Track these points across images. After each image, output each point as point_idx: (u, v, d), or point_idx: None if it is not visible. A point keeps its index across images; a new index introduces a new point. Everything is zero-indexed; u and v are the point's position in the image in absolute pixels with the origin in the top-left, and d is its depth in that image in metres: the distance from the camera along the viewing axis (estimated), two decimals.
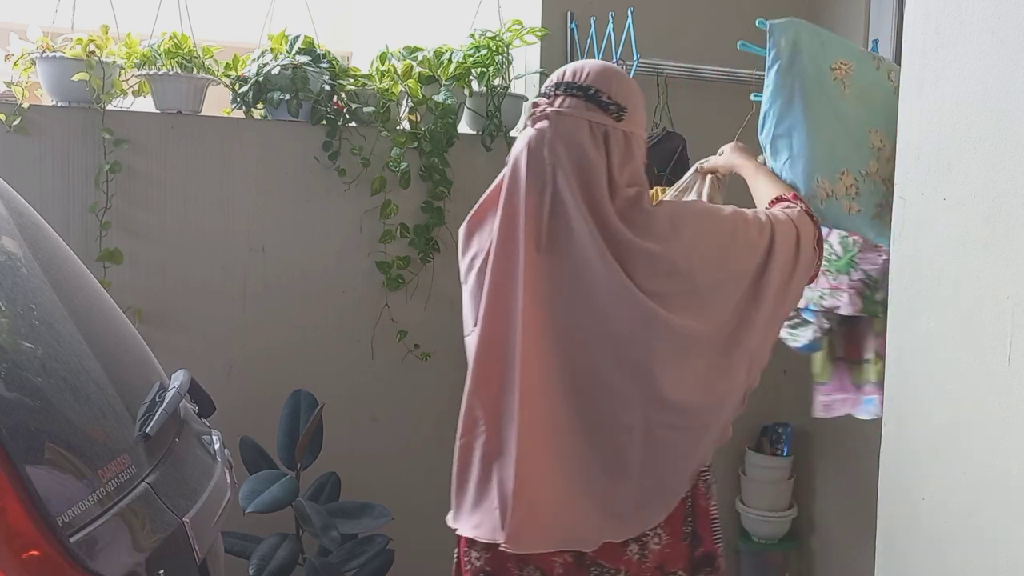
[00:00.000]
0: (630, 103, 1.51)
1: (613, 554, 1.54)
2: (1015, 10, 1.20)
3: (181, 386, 1.53)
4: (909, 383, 1.39)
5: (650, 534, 1.56)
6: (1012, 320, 1.20)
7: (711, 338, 1.52)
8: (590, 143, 1.48)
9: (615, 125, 1.49)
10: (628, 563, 1.55)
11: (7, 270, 1.34)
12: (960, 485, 1.29)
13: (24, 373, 1.21)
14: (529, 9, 2.66)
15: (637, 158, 1.53)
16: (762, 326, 1.56)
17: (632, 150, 1.51)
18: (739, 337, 1.54)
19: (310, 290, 2.51)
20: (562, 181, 1.47)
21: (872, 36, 2.74)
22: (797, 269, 1.58)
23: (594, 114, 1.48)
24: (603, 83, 1.49)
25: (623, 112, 1.49)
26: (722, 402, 1.54)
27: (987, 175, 1.24)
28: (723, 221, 1.54)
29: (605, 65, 1.54)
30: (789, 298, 1.61)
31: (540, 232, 1.48)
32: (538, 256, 1.48)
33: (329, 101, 2.43)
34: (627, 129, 1.50)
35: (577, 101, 1.49)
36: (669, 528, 1.57)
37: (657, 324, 1.47)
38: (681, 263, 1.49)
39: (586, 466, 1.52)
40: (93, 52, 2.19)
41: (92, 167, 2.25)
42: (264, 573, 2.14)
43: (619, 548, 1.55)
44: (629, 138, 1.50)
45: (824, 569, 3.01)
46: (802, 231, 1.60)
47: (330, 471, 2.37)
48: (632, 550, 1.55)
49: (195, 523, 1.34)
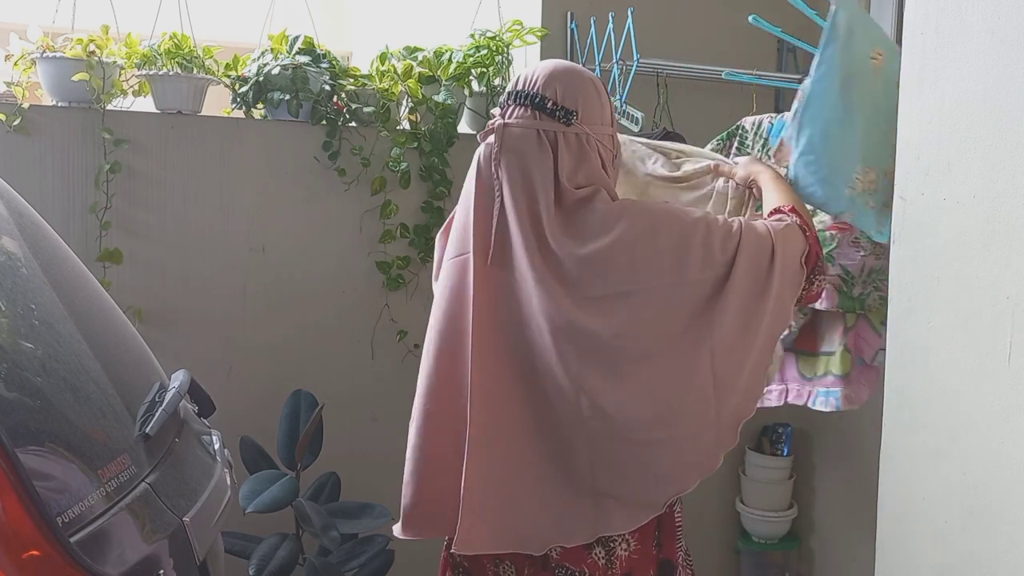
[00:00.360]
0: (580, 104, 1.50)
1: (577, 556, 1.54)
2: (1015, 10, 1.20)
3: (181, 386, 1.52)
4: (909, 383, 1.39)
5: (618, 539, 1.54)
6: (1012, 320, 1.20)
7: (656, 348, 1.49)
8: (536, 152, 1.49)
9: (565, 130, 1.50)
10: (593, 566, 1.54)
11: (7, 270, 1.34)
12: (960, 485, 1.29)
13: (24, 373, 1.21)
14: (529, 9, 2.66)
15: (592, 159, 1.52)
16: (725, 345, 1.50)
17: (586, 152, 1.51)
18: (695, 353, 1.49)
19: (310, 290, 2.51)
20: (507, 194, 1.50)
21: None
22: (771, 286, 1.51)
23: (543, 122, 1.50)
24: (550, 89, 1.50)
25: (571, 116, 1.49)
26: (675, 418, 1.50)
27: (987, 175, 1.24)
28: (680, 224, 1.51)
29: (555, 67, 1.54)
30: (766, 318, 1.53)
31: (488, 245, 1.50)
32: (487, 269, 1.50)
33: (329, 101, 2.43)
34: (579, 131, 1.50)
35: (524, 111, 1.51)
36: (639, 535, 1.56)
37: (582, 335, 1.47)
38: (618, 259, 1.47)
39: (536, 470, 1.52)
40: (93, 52, 2.19)
41: (92, 167, 2.25)
42: (264, 573, 2.14)
43: (583, 551, 1.54)
44: (582, 139, 1.51)
45: (824, 569, 3.01)
46: (781, 246, 1.53)
47: (330, 471, 2.37)
48: (598, 554, 1.54)
49: (195, 523, 1.34)
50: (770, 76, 2.70)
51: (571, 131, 1.50)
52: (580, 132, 1.50)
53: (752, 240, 1.52)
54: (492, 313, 1.51)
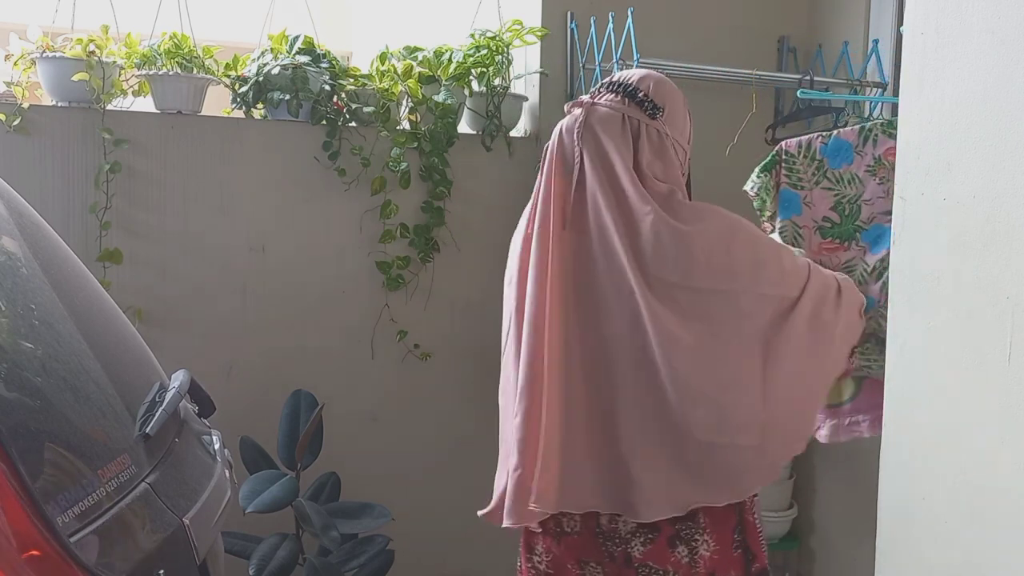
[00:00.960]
0: (668, 104, 1.57)
1: (661, 555, 1.56)
2: (1015, 10, 1.20)
3: (181, 386, 1.52)
4: (909, 383, 1.39)
5: (698, 538, 1.57)
6: (1012, 320, 1.20)
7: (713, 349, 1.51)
8: (619, 133, 1.54)
9: (649, 122, 1.55)
10: (677, 564, 1.56)
11: (7, 270, 1.34)
12: (960, 485, 1.29)
13: (24, 373, 1.21)
14: (529, 9, 2.66)
15: (671, 159, 1.57)
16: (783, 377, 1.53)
17: (666, 149, 1.56)
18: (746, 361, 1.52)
19: (310, 290, 2.51)
20: (587, 162, 1.54)
21: (872, 36, 2.74)
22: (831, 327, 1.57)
23: (630, 109, 1.56)
24: (643, 83, 1.58)
25: (658, 111, 1.56)
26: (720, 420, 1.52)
27: (987, 175, 1.24)
28: (758, 238, 1.56)
29: (653, 72, 1.63)
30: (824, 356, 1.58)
31: (567, 210, 1.54)
32: (563, 233, 1.55)
33: (329, 101, 2.43)
34: (662, 128, 1.56)
35: (615, 96, 1.57)
36: (717, 536, 1.58)
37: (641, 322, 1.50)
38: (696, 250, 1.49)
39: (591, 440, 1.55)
40: (93, 52, 2.19)
41: (92, 167, 2.25)
42: (264, 573, 2.14)
43: (666, 549, 1.56)
44: (663, 137, 1.56)
45: (824, 569, 3.01)
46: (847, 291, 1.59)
47: (330, 471, 2.37)
48: (681, 552, 1.56)
49: (195, 523, 1.34)
50: (770, 76, 2.70)
51: (654, 125, 1.56)
52: (662, 130, 1.56)
53: (820, 275, 1.58)
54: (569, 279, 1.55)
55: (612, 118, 1.55)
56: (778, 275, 1.53)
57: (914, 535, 1.38)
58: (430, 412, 2.64)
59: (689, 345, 1.49)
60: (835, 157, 1.96)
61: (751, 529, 1.63)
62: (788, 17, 2.97)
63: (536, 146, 2.67)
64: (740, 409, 1.53)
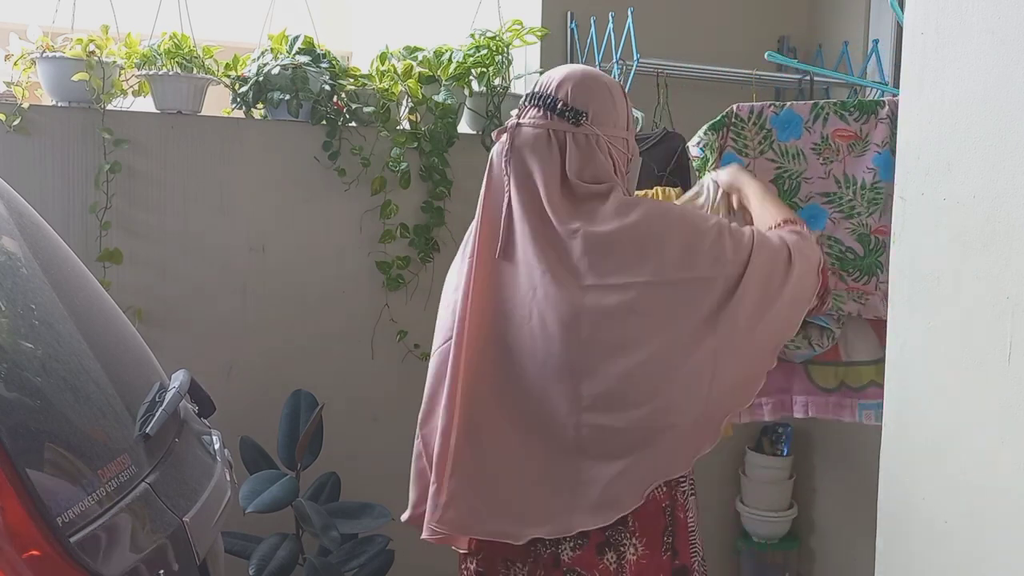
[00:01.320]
0: (592, 106, 1.55)
1: (589, 561, 1.55)
2: (1015, 10, 1.20)
3: (181, 386, 1.52)
4: (909, 383, 1.39)
5: (626, 543, 1.55)
6: (1012, 320, 1.20)
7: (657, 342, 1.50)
8: (545, 150, 1.55)
9: (574, 130, 1.55)
10: (605, 571, 1.55)
11: (7, 270, 1.34)
12: (960, 485, 1.29)
13: (24, 373, 1.21)
14: (529, 9, 2.66)
15: (602, 161, 1.56)
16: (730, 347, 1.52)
17: (593, 151, 1.55)
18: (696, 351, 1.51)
19: (310, 290, 2.51)
20: (513, 189, 1.55)
21: (872, 36, 2.75)
22: (784, 292, 1.54)
23: (554, 122, 1.55)
24: (562, 91, 1.56)
25: (581, 117, 1.54)
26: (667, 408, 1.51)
27: (987, 175, 1.24)
28: (693, 222, 1.55)
29: (571, 71, 1.59)
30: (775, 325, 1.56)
31: (496, 238, 1.56)
32: (494, 263, 1.56)
33: (329, 101, 2.43)
34: (589, 132, 1.54)
35: (538, 111, 1.57)
36: (647, 539, 1.57)
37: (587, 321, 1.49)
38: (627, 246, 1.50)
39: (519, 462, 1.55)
40: (93, 52, 2.19)
41: (92, 167, 2.25)
42: (264, 573, 2.14)
43: (594, 555, 1.55)
44: (591, 140, 1.55)
45: (824, 569, 3.01)
46: (798, 257, 1.56)
47: (330, 471, 2.37)
48: (609, 558, 1.56)
49: (195, 523, 1.34)
50: (770, 76, 2.70)
51: (580, 131, 1.55)
52: (590, 133, 1.55)
53: (766, 245, 1.55)
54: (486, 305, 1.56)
55: (537, 137, 1.55)
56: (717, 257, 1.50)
57: (914, 535, 1.38)
58: None
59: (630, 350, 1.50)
60: (784, 129, 1.94)
61: (681, 527, 1.62)
62: (788, 17, 2.97)
63: None
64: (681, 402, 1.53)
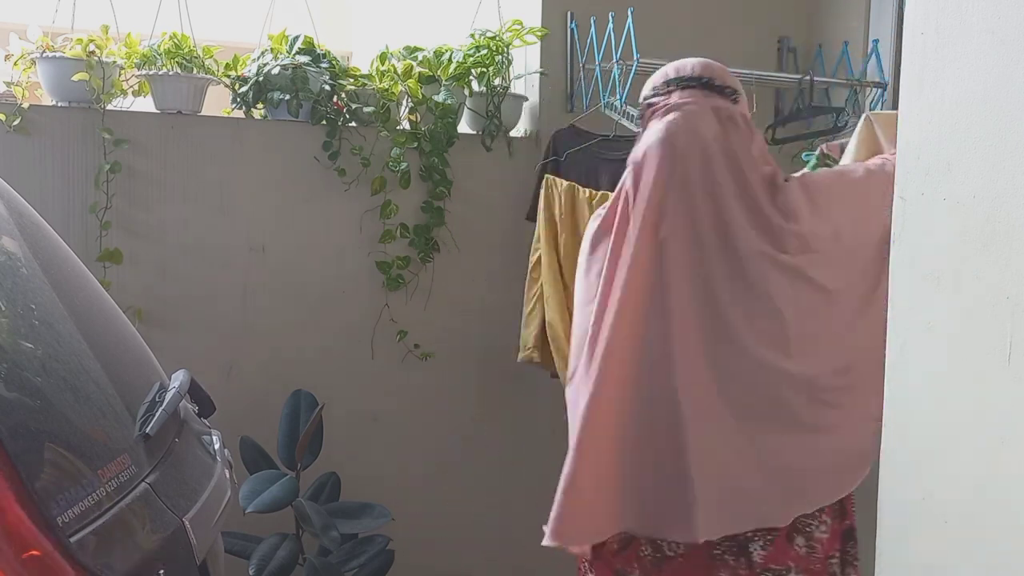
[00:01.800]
0: (738, 86, 1.58)
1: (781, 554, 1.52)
2: (1015, 10, 1.20)
3: (181, 386, 1.52)
4: (909, 383, 1.39)
5: (813, 523, 1.53)
6: (1012, 320, 1.20)
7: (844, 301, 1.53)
8: (718, 129, 1.52)
9: (732, 108, 1.55)
10: (796, 558, 1.52)
11: (7, 270, 1.34)
12: (960, 485, 1.29)
13: (24, 373, 1.21)
14: (529, 9, 2.66)
15: (758, 136, 1.58)
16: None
17: (752, 129, 1.57)
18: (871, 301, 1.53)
19: (310, 290, 2.51)
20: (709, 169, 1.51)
21: (872, 36, 2.75)
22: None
23: (714, 100, 1.54)
24: (710, 72, 1.56)
25: (737, 95, 1.56)
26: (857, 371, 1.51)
27: (987, 175, 1.24)
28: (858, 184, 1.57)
29: (704, 59, 1.61)
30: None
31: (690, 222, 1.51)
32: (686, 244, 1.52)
33: (329, 101, 2.43)
34: (743, 111, 1.57)
35: (694, 91, 1.53)
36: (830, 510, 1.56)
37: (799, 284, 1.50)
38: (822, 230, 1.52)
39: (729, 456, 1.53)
40: (93, 52, 2.19)
41: (92, 167, 2.25)
42: (264, 573, 2.14)
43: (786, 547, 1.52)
44: (748, 120, 1.57)
45: None
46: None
47: (330, 471, 2.37)
48: (799, 544, 1.53)
49: (195, 523, 1.34)
50: (770, 76, 2.70)
51: (737, 109, 1.57)
52: (744, 112, 1.58)
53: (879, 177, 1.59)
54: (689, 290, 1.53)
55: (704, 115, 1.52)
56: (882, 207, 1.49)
57: (914, 535, 1.38)
58: (430, 412, 2.64)
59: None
60: None
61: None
62: (788, 17, 2.97)
63: (536, 146, 2.67)
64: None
